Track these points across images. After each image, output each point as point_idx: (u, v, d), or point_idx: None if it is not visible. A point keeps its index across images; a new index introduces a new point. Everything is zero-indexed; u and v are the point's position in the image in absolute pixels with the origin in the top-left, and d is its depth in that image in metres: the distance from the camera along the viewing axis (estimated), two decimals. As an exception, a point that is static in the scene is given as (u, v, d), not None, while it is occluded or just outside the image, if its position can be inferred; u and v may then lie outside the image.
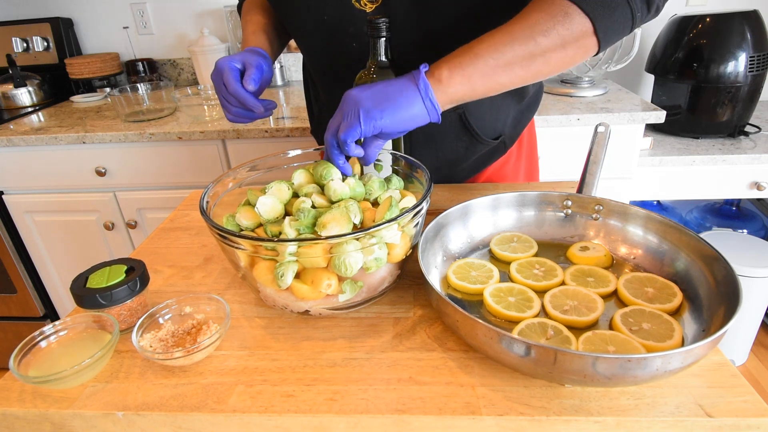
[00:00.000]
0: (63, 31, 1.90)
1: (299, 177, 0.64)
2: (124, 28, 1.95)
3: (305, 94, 1.01)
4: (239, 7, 0.94)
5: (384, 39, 0.67)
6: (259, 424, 0.46)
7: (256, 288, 0.57)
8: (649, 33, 1.78)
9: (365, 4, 0.72)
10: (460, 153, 0.88)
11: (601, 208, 0.66)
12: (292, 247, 0.50)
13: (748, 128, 1.56)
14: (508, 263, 0.63)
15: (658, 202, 1.99)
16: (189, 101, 1.57)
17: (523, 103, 0.89)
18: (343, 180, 0.62)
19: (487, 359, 0.51)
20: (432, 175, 0.61)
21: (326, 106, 0.90)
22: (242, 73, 0.71)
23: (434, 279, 0.60)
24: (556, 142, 1.44)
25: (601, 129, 0.70)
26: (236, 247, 0.52)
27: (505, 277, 0.61)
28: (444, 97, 0.59)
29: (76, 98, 1.82)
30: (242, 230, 0.60)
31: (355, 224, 0.55)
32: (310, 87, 0.97)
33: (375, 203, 0.63)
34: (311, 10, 0.74)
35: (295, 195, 0.63)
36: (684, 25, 1.49)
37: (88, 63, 1.84)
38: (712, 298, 0.51)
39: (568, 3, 0.56)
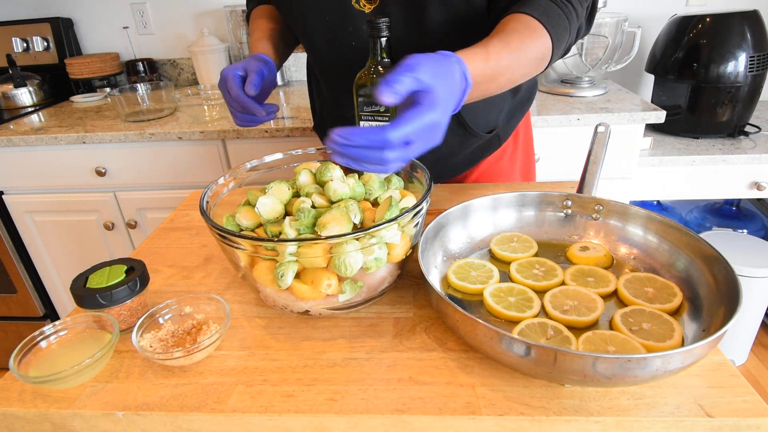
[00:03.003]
0: (63, 31, 1.90)
1: (304, 176, 0.64)
2: (124, 28, 1.95)
3: (309, 90, 1.03)
4: (248, 16, 0.95)
5: (384, 39, 0.67)
6: (259, 424, 0.46)
7: (256, 288, 0.57)
8: (649, 33, 1.79)
9: (363, 5, 0.75)
10: (453, 147, 0.89)
11: (601, 208, 0.66)
12: (292, 247, 0.50)
13: (748, 128, 1.56)
14: (508, 263, 0.63)
15: (658, 202, 1.99)
16: (189, 101, 1.57)
17: (516, 98, 0.91)
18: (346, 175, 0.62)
19: (487, 359, 0.51)
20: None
21: (329, 101, 0.93)
22: (245, 79, 0.73)
23: (434, 279, 0.59)
24: (556, 142, 1.44)
25: (601, 129, 0.70)
26: (236, 247, 0.52)
27: (505, 277, 0.61)
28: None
29: (76, 98, 1.82)
30: (242, 230, 0.60)
31: (355, 224, 0.55)
32: (313, 84, 0.99)
33: (375, 203, 0.63)
34: (314, 11, 0.77)
35: (296, 195, 0.63)
36: (684, 25, 1.49)
37: (88, 63, 1.84)
38: (712, 298, 0.51)
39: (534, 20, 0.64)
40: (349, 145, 0.48)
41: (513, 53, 0.61)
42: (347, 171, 0.67)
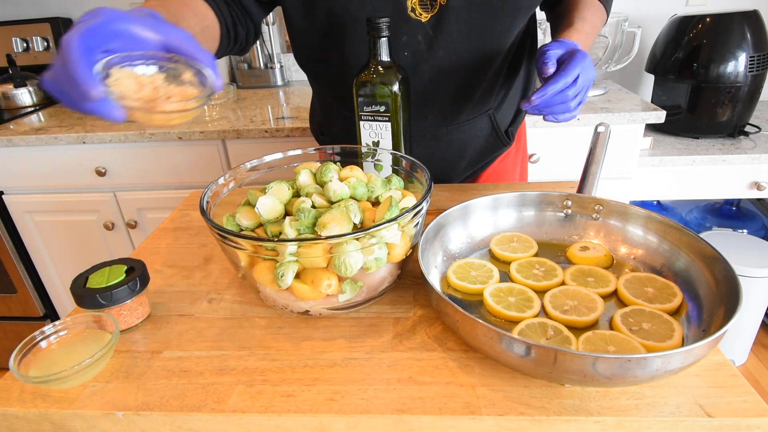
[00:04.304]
0: (63, 31, 1.90)
1: (304, 176, 0.64)
2: (124, 28, 1.95)
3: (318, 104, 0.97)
4: None
5: (385, 39, 0.67)
6: (259, 424, 0.46)
7: (256, 288, 0.57)
8: (649, 33, 1.79)
9: (420, 14, 0.73)
10: (484, 152, 0.91)
11: (601, 208, 0.66)
12: (292, 247, 0.50)
13: (748, 128, 1.56)
14: (508, 263, 0.63)
15: (658, 202, 1.99)
16: (189, 101, 1.57)
17: (521, 90, 0.93)
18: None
19: (487, 359, 0.51)
20: (448, 175, 0.63)
21: (344, 112, 0.89)
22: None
23: (434, 279, 0.60)
24: (556, 142, 1.44)
25: (601, 129, 0.70)
26: (236, 247, 0.52)
27: (505, 277, 0.61)
28: None
29: (76, 98, 1.82)
30: (242, 230, 0.60)
31: (355, 224, 0.55)
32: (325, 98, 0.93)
33: (375, 203, 0.63)
34: (361, 21, 0.72)
35: (296, 195, 0.63)
36: (684, 25, 1.49)
37: (88, 63, 1.84)
38: (712, 298, 0.51)
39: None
40: (545, 97, 0.65)
41: (591, 30, 0.79)
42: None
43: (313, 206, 0.59)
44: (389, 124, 0.71)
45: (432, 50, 0.75)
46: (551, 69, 0.66)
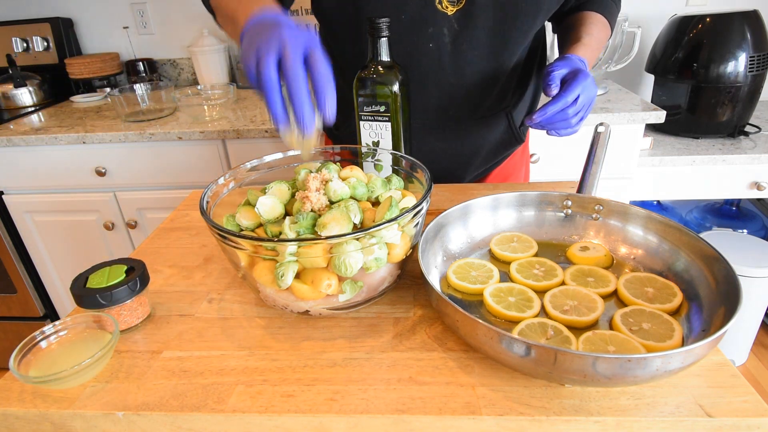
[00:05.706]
0: (63, 31, 1.90)
1: (304, 176, 0.64)
2: (124, 28, 1.95)
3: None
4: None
5: (385, 39, 0.67)
6: (259, 424, 0.46)
7: (256, 288, 0.57)
8: (649, 33, 1.79)
9: (447, 7, 0.74)
10: (499, 149, 0.92)
11: (601, 208, 0.66)
12: (292, 247, 0.50)
13: (748, 128, 1.56)
14: (508, 263, 0.63)
15: (658, 202, 1.99)
16: (189, 101, 1.57)
17: (536, 91, 0.95)
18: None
19: (487, 359, 0.51)
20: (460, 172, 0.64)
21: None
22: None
23: (434, 279, 0.59)
24: (556, 142, 1.44)
25: (601, 129, 0.70)
26: (236, 247, 0.52)
27: (505, 277, 0.61)
28: None
29: (76, 98, 1.82)
30: (242, 230, 0.60)
31: (355, 224, 0.55)
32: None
33: (375, 203, 0.63)
34: (389, 9, 0.74)
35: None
36: (684, 25, 1.49)
37: (88, 63, 1.84)
38: (712, 298, 0.51)
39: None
40: (546, 116, 0.69)
41: (597, 45, 0.83)
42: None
43: (313, 206, 0.59)
44: (389, 124, 0.71)
45: (456, 43, 0.76)
46: (554, 90, 0.70)
